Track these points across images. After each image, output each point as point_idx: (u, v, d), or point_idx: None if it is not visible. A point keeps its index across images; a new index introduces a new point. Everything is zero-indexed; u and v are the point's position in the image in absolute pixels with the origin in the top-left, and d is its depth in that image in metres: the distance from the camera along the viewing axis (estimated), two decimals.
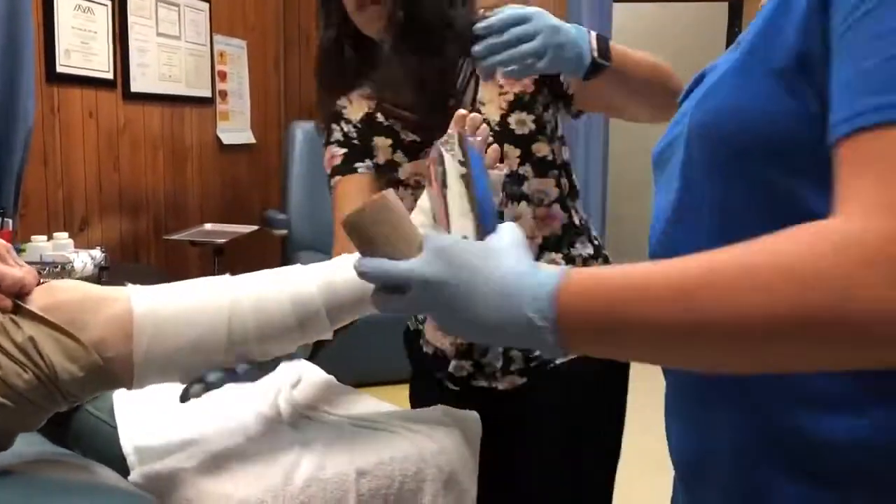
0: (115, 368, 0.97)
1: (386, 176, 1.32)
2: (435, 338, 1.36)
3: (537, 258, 1.20)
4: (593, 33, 1.17)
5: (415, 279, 0.68)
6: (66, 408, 1.00)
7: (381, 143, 1.31)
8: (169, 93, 3.83)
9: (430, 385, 1.40)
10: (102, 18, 3.31)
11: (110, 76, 3.39)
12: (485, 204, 0.83)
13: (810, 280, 0.50)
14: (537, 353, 1.25)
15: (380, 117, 1.31)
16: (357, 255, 0.78)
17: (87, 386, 0.97)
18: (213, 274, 3.42)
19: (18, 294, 0.95)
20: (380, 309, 0.76)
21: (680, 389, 0.75)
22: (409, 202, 1.25)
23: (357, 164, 1.34)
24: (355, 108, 1.35)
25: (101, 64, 3.32)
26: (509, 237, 0.68)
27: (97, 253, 2.75)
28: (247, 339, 1.03)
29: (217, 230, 3.87)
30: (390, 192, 0.76)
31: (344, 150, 1.35)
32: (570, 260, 1.30)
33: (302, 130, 4.18)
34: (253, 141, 4.68)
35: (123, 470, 1.11)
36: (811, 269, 0.50)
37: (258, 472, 1.04)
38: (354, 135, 1.34)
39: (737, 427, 0.67)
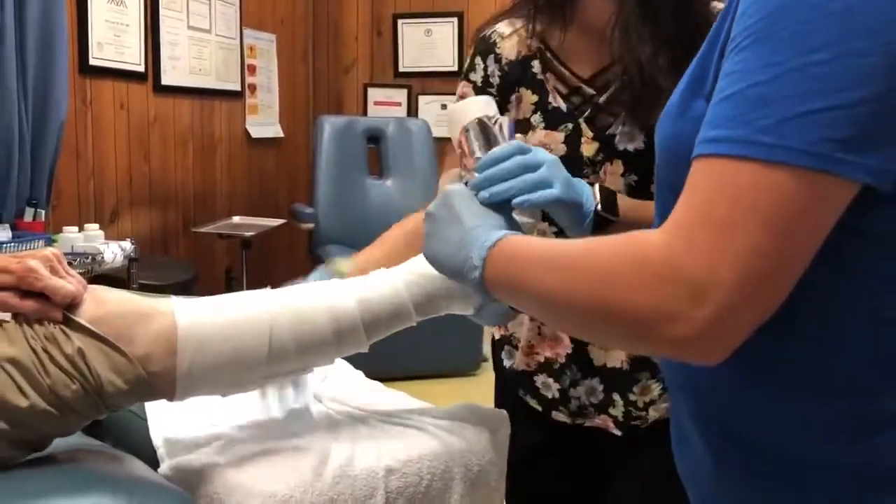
0: (159, 382, 0.99)
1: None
2: (520, 358, 1.23)
3: None
4: (596, 185, 1.01)
5: (427, 212, 0.91)
6: (105, 416, 1.02)
7: (527, 96, 1.13)
8: (199, 86, 3.86)
9: (513, 404, 1.26)
10: (134, 12, 3.34)
11: (141, 69, 3.42)
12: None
13: (604, 279, 0.63)
14: (640, 411, 1.15)
15: (536, 66, 1.12)
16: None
17: (131, 398, 1.00)
18: (242, 267, 3.44)
19: (69, 306, 0.98)
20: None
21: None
22: None
23: None
24: (509, 45, 1.15)
25: (132, 57, 3.35)
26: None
27: (127, 244, 2.78)
28: (287, 353, 1.05)
29: (245, 223, 3.89)
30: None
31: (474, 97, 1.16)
32: None
33: (330, 124, 4.19)
34: (281, 134, 4.70)
35: (153, 462, 1.11)
36: (608, 272, 0.63)
37: (287, 467, 1.04)
38: (497, 80, 1.16)
39: None
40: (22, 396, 0.92)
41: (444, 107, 4.93)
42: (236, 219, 4.02)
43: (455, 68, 4.89)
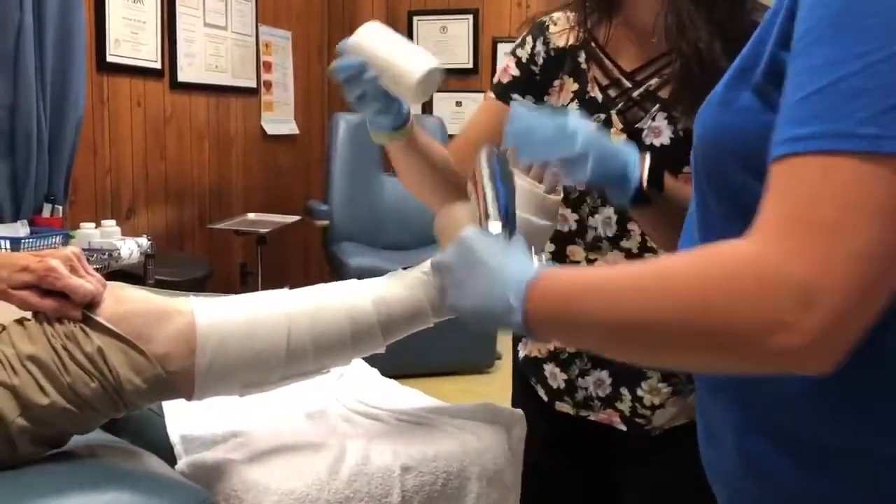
0: (178, 381, 1.00)
1: None
2: (532, 343, 1.24)
3: None
4: (647, 155, 1.00)
5: (438, 263, 0.83)
6: (124, 414, 1.02)
7: (568, 84, 1.16)
8: (215, 83, 3.87)
9: (523, 392, 1.28)
10: (151, 9, 3.35)
11: (158, 66, 3.43)
12: (505, 211, 0.89)
13: (695, 298, 0.58)
14: (646, 410, 1.13)
15: (581, 56, 1.15)
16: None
17: (149, 397, 1.00)
18: (257, 263, 3.45)
19: (89, 305, 0.99)
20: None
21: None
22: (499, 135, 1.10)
23: (515, 95, 1.19)
24: (559, 32, 1.18)
25: (149, 53, 3.36)
26: (517, 240, 0.82)
27: (143, 241, 2.79)
28: (305, 353, 1.05)
29: (260, 220, 3.90)
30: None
31: (517, 73, 1.20)
32: None
33: (345, 121, 4.19)
34: (296, 131, 4.71)
35: (170, 458, 1.12)
36: (698, 290, 0.58)
37: (303, 465, 1.05)
38: (541, 61, 1.18)
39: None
40: (42, 394, 0.93)
41: (458, 104, 4.93)
42: (251, 215, 4.03)
43: (470, 65, 4.88)
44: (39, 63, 2.62)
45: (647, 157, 1.00)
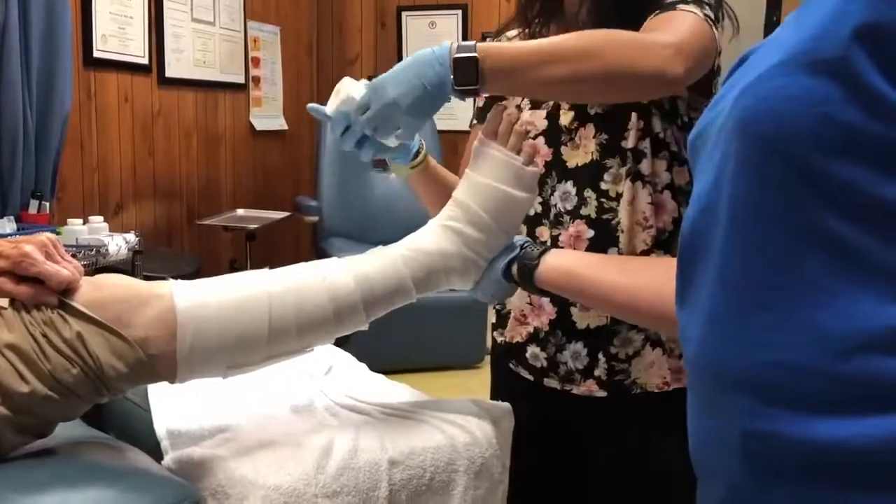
0: (159, 364, 0.99)
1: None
2: (512, 327, 1.29)
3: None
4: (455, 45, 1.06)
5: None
6: (107, 399, 1.01)
7: None
8: (203, 78, 3.85)
9: (506, 377, 1.32)
10: (139, 4, 3.34)
11: (146, 61, 3.41)
12: None
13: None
14: (622, 363, 1.17)
15: None
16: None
17: (132, 381, 0.99)
18: (246, 259, 3.43)
19: (65, 291, 0.97)
20: None
21: None
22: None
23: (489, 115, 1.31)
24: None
25: (136, 49, 3.35)
26: None
27: (131, 237, 2.78)
28: (287, 332, 1.04)
29: (249, 216, 3.89)
30: None
31: (486, 96, 1.30)
32: None
33: None
34: (285, 127, 4.70)
35: (157, 454, 1.11)
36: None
37: (291, 460, 1.04)
38: None
39: None
40: (23, 382, 0.92)
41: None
42: (240, 211, 4.02)
43: None
44: (25, 58, 2.60)
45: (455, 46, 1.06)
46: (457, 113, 4.93)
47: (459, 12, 4.85)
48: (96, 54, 3.09)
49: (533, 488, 1.32)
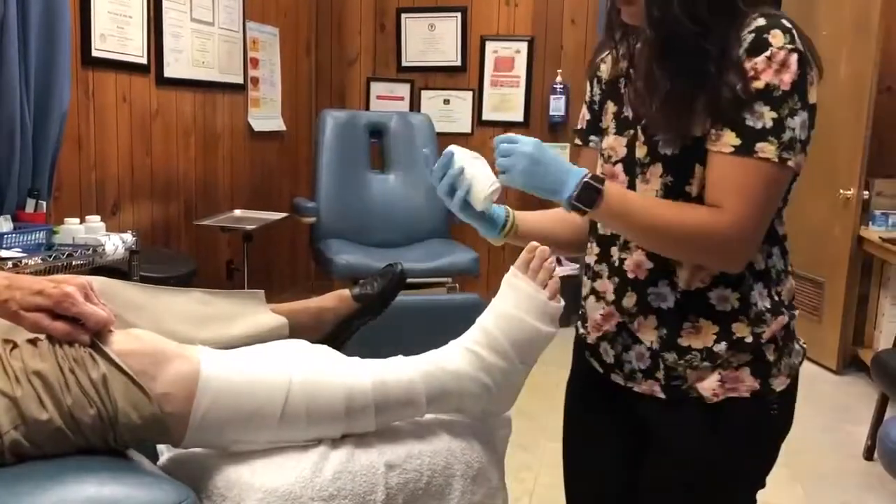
0: (171, 424, 1.01)
1: (601, 143, 1.35)
2: (588, 330, 1.35)
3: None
4: (587, 174, 1.16)
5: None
6: (107, 448, 1.02)
7: (610, 108, 1.31)
8: (201, 79, 3.85)
9: (582, 365, 1.38)
10: (137, 3, 3.33)
11: (144, 61, 3.41)
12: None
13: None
14: (680, 368, 1.21)
15: (621, 83, 1.30)
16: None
17: (140, 434, 1.01)
18: (244, 260, 3.42)
19: (99, 334, 1.01)
20: None
21: None
22: (601, 171, 1.32)
23: (591, 138, 1.39)
24: (606, 68, 1.35)
25: (135, 49, 3.34)
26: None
27: (128, 237, 2.77)
28: (297, 420, 1.07)
29: (247, 216, 3.89)
30: None
31: (588, 117, 1.39)
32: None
33: (332, 118, 4.18)
34: (283, 128, 4.70)
35: (152, 454, 1.11)
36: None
37: (287, 463, 1.04)
38: (598, 97, 1.36)
39: None
40: (42, 409, 0.94)
41: (446, 101, 4.92)
42: (238, 212, 4.01)
43: (458, 63, 4.88)
44: (23, 57, 2.60)
45: (587, 175, 1.16)
46: (455, 116, 4.93)
47: (459, 14, 4.85)
48: (95, 53, 3.09)
49: (595, 454, 1.38)
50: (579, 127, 1.41)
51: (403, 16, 4.93)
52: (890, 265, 3.92)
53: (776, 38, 1.10)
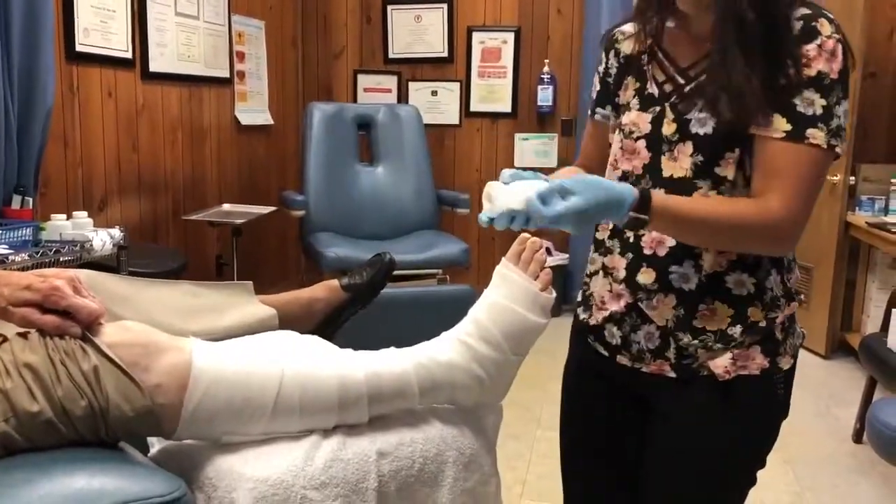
0: (163, 415, 1.00)
1: (619, 119, 1.32)
2: (594, 312, 1.34)
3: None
4: (633, 204, 1.11)
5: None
6: (98, 440, 1.01)
7: (631, 84, 1.31)
8: (187, 73, 3.83)
9: (583, 350, 1.38)
10: None
11: (129, 55, 3.39)
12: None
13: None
14: (692, 349, 1.22)
15: (644, 59, 1.29)
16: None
17: (132, 427, 1.00)
18: (233, 254, 3.40)
19: (90, 327, 1.01)
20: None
21: None
22: (607, 148, 1.33)
23: (598, 109, 1.39)
24: (628, 42, 1.34)
25: (119, 43, 3.32)
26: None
27: (116, 232, 2.76)
28: (290, 412, 1.07)
29: (235, 210, 3.87)
30: None
31: (598, 88, 1.39)
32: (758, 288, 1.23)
33: (320, 111, 4.16)
34: (271, 122, 4.68)
35: (143, 446, 1.11)
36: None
37: (279, 452, 1.04)
38: (614, 71, 1.35)
39: None
40: (33, 401, 0.94)
41: (434, 93, 4.91)
42: (226, 206, 4.00)
43: (445, 54, 4.87)
44: (6, 52, 2.58)
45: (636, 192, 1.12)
46: (443, 107, 4.92)
47: (445, 6, 4.84)
48: (79, 48, 3.06)
49: (595, 442, 1.39)
50: (591, 97, 1.42)
51: (389, 7, 4.91)
52: (877, 250, 3.95)
53: (824, 26, 1.12)
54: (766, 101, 1.12)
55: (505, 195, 1.09)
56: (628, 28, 1.35)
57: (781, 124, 1.12)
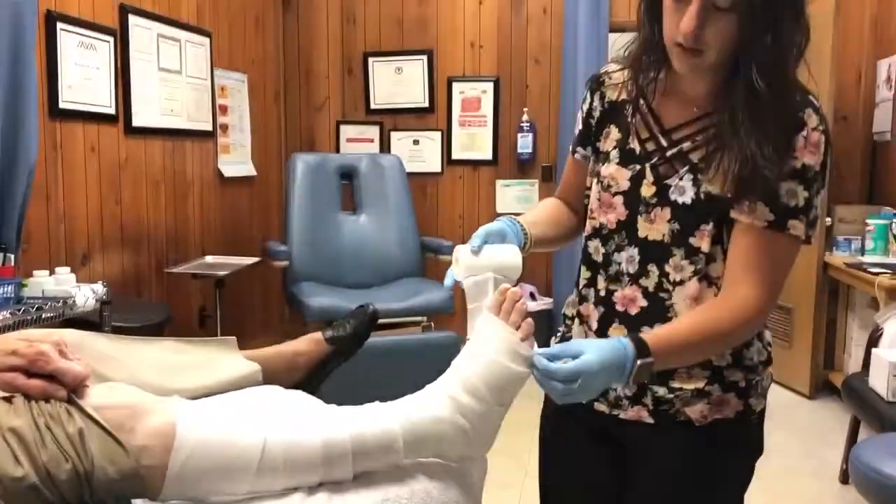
0: (148, 477, 1.00)
1: (596, 166, 1.32)
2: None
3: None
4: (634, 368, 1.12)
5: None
6: None
7: (613, 133, 1.30)
8: (170, 126, 3.86)
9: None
10: (105, 54, 3.35)
11: (112, 111, 3.41)
12: None
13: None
14: (670, 396, 1.24)
15: (628, 109, 1.28)
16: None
17: (117, 489, 1.00)
18: (216, 306, 3.37)
19: (75, 389, 1.01)
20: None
21: None
22: (585, 185, 1.35)
23: (578, 148, 1.39)
24: (614, 87, 1.32)
25: (103, 99, 3.35)
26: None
27: (99, 287, 2.75)
28: (274, 472, 1.07)
29: (218, 262, 3.87)
30: None
31: (581, 128, 1.38)
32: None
33: (303, 161, 4.20)
34: (254, 173, 4.70)
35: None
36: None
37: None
38: (597, 114, 1.34)
39: None
40: (18, 466, 0.94)
41: (415, 142, 4.97)
42: (209, 258, 4.00)
43: (426, 104, 4.94)
44: None
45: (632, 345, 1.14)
46: (425, 156, 4.98)
47: (425, 58, 4.93)
48: (62, 105, 3.09)
49: (576, 490, 1.39)
50: (574, 135, 1.41)
51: (370, 59, 4.99)
52: (855, 290, 4.00)
53: (811, 118, 1.14)
54: (776, 175, 1.12)
55: (471, 263, 1.16)
56: (616, 72, 1.33)
57: (765, 213, 1.14)
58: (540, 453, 1.44)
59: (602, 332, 1.27)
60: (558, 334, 1.41)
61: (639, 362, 1.10)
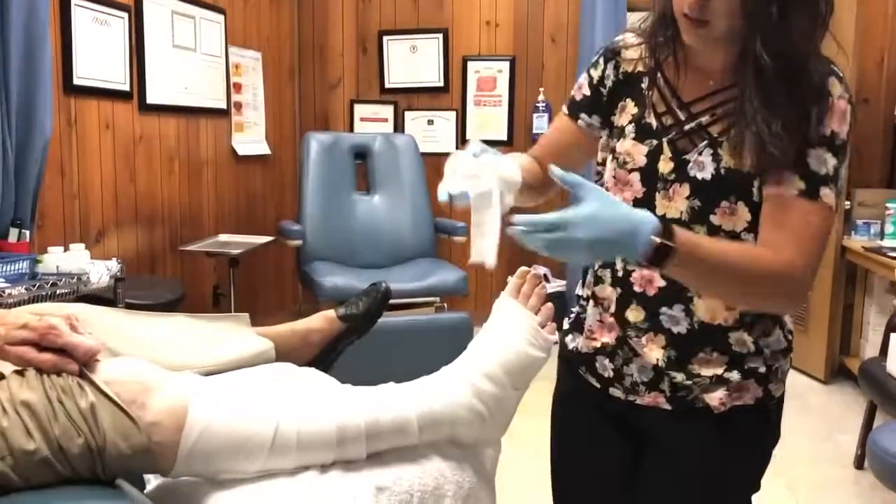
0: (159, 453, 0.99)
1: (611, 141, 1.27)
2: (583, 342, 1.32)
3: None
4: (657, 232, 1.02)
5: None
6: (96, 478, 1.00)
7: (629, 107, 1.25)
8: (184, 104, 3.85)
9: (573, 379, 1.35)
10: (119, 30, 3.33)
11: (126, 88, 3.41)
12: None
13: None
14: (688, 382, 1.21)
15: (645, 82, 1.24)
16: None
17: (129, 464, 1.00)
18: (230, 285, 3.39)
19: (87, 364, 1.01)
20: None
21: None
22: (571, 150, 1.33)
23: (583, 115, 1.33)
24: (630, 57, 1.27)
25: (117, 76, 3.34)
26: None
27: (113, 264, 2.76)
28: (287, 451, 1.06)
29: (232, 241, 3.88)
30: None
31: (588, 93, 1.32)
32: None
33: (317, 141, 4.18)
34: (268, 152, 4.70)
35: (140, 482, 1.10)
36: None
37: (276, 488, 1.03)
38: (609, 83, 1.29)
39: None
40: (30, 439, 0.93)
41: (430, 122, 4.94)
42: (223, 237, 4.00)
43: (441, 84, 4.91)
44: (4, 85, 2.59)
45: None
46: (439, 136, 4.95)
47: (440, 36, 4.88)
48: (76, 81, 3.08)
49: (587, 473, 1.37)
50: (574, 98, 1.35)
51: (385, 38, 4.95)
52: (874, 274, 3.95)
53: (834, 86, 1.11)
54: (789, 152, 1.08)
55: (471, 171, 1.07)
56: (632, 41, 1.29)
57: (795, 182, 1.10)
58: (552, 436, 1.43)
59: (619, 314, 1.25)
60: (572, 315, 1.39)
61: (658, 240, 0.98)
